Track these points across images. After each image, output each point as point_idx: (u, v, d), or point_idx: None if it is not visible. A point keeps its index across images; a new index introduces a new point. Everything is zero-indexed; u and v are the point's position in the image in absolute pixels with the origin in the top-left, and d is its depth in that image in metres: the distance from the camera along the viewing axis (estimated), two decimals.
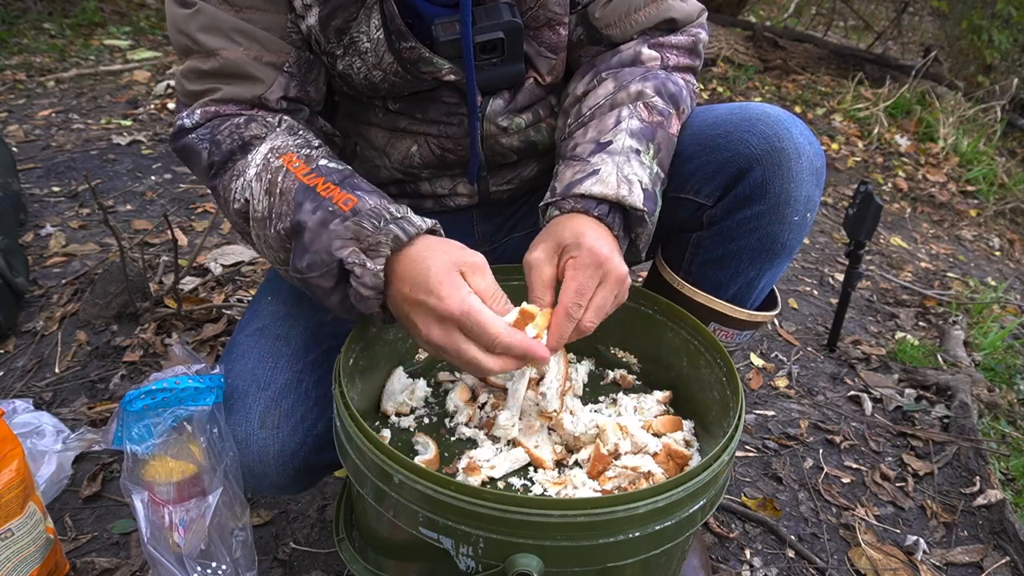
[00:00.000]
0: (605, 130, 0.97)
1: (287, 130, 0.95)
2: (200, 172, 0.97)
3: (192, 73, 0.96)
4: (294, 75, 0.98)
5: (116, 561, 1.22)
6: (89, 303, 1.81)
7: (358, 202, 0.83)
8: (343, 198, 0.83)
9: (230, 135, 0.93)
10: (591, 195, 0.91)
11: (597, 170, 0.92)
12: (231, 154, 0.93)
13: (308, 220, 0.83)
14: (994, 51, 4.58)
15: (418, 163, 1.09)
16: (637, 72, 1.02)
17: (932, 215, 3.53)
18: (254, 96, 0.95)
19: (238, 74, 0.94)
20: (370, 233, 0.81)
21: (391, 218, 0.82)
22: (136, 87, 3.63)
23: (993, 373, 2.15)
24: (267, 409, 0.96)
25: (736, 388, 0.89)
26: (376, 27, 0.95)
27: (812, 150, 0.96)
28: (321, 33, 0.96)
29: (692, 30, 1.06)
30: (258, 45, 0.94)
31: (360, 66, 0.99)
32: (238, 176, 0.92)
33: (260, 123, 0.95)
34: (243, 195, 0.91)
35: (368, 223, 0.81)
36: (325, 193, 0.84)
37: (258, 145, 0.93)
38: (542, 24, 1.02)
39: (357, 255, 0.81)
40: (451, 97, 1.04)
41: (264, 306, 1.07)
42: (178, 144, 0.97)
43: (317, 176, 0.87)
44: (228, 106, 0.95)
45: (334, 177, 0.87)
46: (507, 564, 0.71)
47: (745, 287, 1.03)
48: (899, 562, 1.39)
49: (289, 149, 0.91)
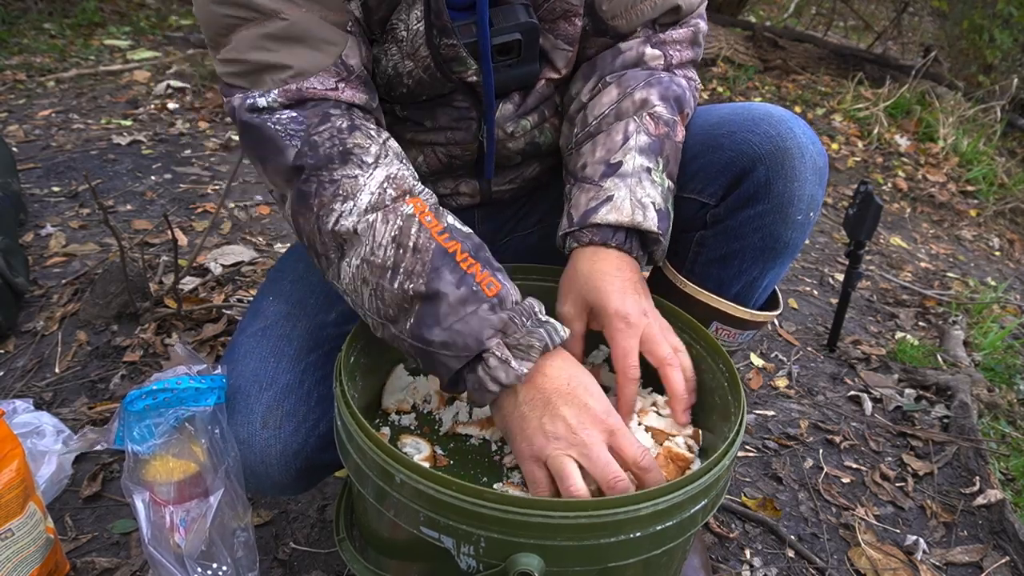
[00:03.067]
0: (614, 148, 0.97)
1: (396, 155, 0.89)
2: (278, 168, 0.87)
3: (249, 44, 0.85)
4: (357, 35, 0.90)
5: (116, 561, 1.22)
6: (89, 303, 1.81)
7: (501, 289, 0.81)
8: (486, 279, 0.81)
9: (331, 139, 0.85)
10: (607, 224, 0.92)
11: (611, 196, 0.93)
12: (329, 160, 0.85)
13: (450, 293, 0.80)
14: (995, 50, 4.58)
15: (425, 172, 1.09)
16: (641, 77, 1.01)
17: (932, 215, 3.53)
18: (334, 59, 0.87)
19: (307, 36, 0.86)
20: (519, 331, 0.80)
21: (537, 321, 0.82)
22: (136, 87, 3.63)
23: (993, 373, 2.15)
24: (269, 409, 0.95)
25: (737, 392, 0.89)
26: (417, 19, 0.92)
27: (815, 149, 0.96)
28: (365, 22, 0.93)
29: (692, 20, 1.06)
30: (318, 4, 0.86)
31: (395, 52, 0.96)
32: (345, 199, 0.84)
33: (364, 133, 0.87)
34: (351, 223, 0.83)
35: (518, 319, 0.81)
36: (465, 266, 0.82)
37: (363, 159, 0.86)
38: (558, 16, 1.01)
39: (501, 349, 0.80)
40: (463, 102, 1.03)
41: (266, 306, 1.07)
42: (251, 121, 0.86)
43: (452, 240, 0.83)
44: (310, 81, 0.86)
45: (468, 245, 0.84)
46: (508, 564, 0.71)
47: (748, 286, 1.03)
48: (899, 562, 1.39)
49: (407, 184, 0.86)
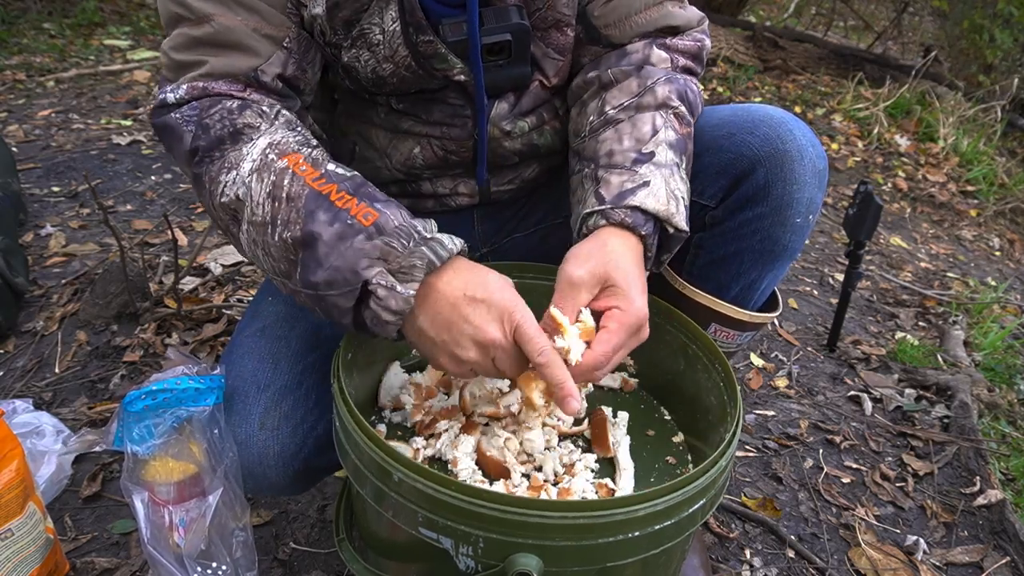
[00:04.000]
0: (644, 139, 0.95)
1: (285, 124, 0.88)
2: (180, 156, 0.89)
3: (180, 42, 0.88)
4: (293, 52, 0.91)
5: (116, 561, 1.22)
6: (89, 303, 1.81)
7: (379, 217, 0.79)
8: (362, 210, 0.79)
9: (220, 120, 0.86)
10: (644, 208, 0.89)
11: (648, 182, 0.91)
12: (219, 141, 0.86)
13: (323, 232, 0.78)
14: (995, 50, 4.57)
15: (420, 164, 1.09)
16: (660, 73, 1.00)
17: (932, 215, 3.53)
18: (249, 68, 0.88)
19: (232, 43, 0.87)
20: (400, 254, 0.77)
21: (421, 238, 0.79)
22: (136, 87, 3.63)
23: (993, 373, 2.15)
24: (267, 411, 0.96)
25: (734, 393, 0.89)
26: (392, 19, 0.93)
27: (815, 152, 0.96)
28: (328, 24, 0.92)
29: (696, 35, 1.05)
30: (257, 16, 0.87)
31: (368, 59, 0.96)
32: (229, 169, 0.85)
33: (255, 111, 0.87)
34: (234, 191, 0.84)
35: (397, 243, 0.78)
36: (341, 203, 0.79)
37: (253, 136, 0.86)
38: (550, 25, 1.01)
39: (384, 276, 0.77)
40: (456, 99, 1.04)
41: (264, 307, 1.07)
42: (158, 121, 0.89)
43: (329, 183, 0.82)
44: (218, 83, 0.88)
45: (346, 184, 0.82)
46: (507, 564, 0.71)
47: (747, 288, 1.03)
48: (899, 562, 1.39)
49: (291, 148, 0.85)
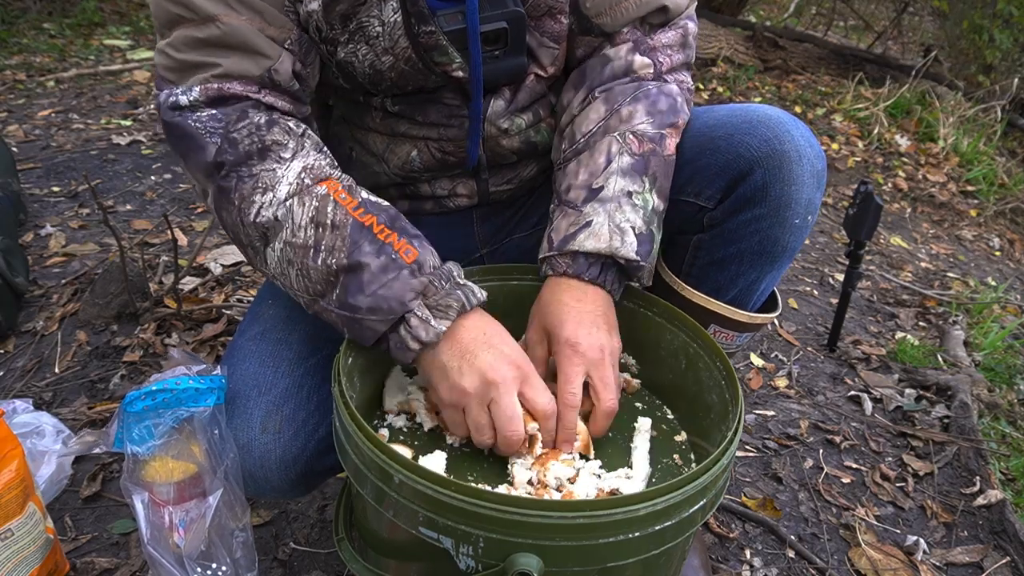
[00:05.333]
0: (597, 172, 0.98)
1: (315, 147, 0.92)
2: (199, 164, 0.89)
3: (183, 42, 0.87)
4: (296, 53, 0.91)
5: (116, 561, 1.23)
6: (89, 303, 1.82)
7: (419, 255, 0.87)
8: (403, 246, 0.87)
9: (249, 135, 0.87)
10: (584, 251, 0.94)
11: (590, 221, 0.95)
12: (248, 156, 0.87)
13: (371, 263, 0.85)
14: (995, 51, 4.57)
15: (418, 167, 1.09)
16: (628, 91, 1.00)
17: (932, 215, 3.53)
18: (263, 71, 0.88)
19: (241, 45, 0.87)
20: (438, 293, 0.86)
21: (455, 283, 0.88)
22: (136, 87, 3.63)
23: (993, 373, 2.15)
24: (268, 414, 0.95)
25: (735, 392, 0.89)
26: (393, 10, 0.92)
27: (813, 153, 0.96)
28: (324, 19, 0.92)
29: (681, 22, 1.04)
30: (260, 17, 0.87)
31: (366, 52, 0.96)
32: (264, 190, 0.87)
33: (282, 128, 0.89)
34: (272, 212, 0.87)
35: (437, 283, 0.87)
36: (383, 236, 0.87)
37: (282, 155, 0.89)
38: (543, 13, 1.01)
39: (422, 309, 0.86)
40: (453, 99, 1.04)
41: (265, 309, 1.07)
42: (173, 121, 0.89)
43: (368, 214, 0.88)
44: (233, 83, 0.87)
45: (383, 217, 0.89)
46: (507, 564, 0.71)
47: (745, 289, 1.03)
48: (899, 562, 1.39)
49: (325, 172, 0.90)
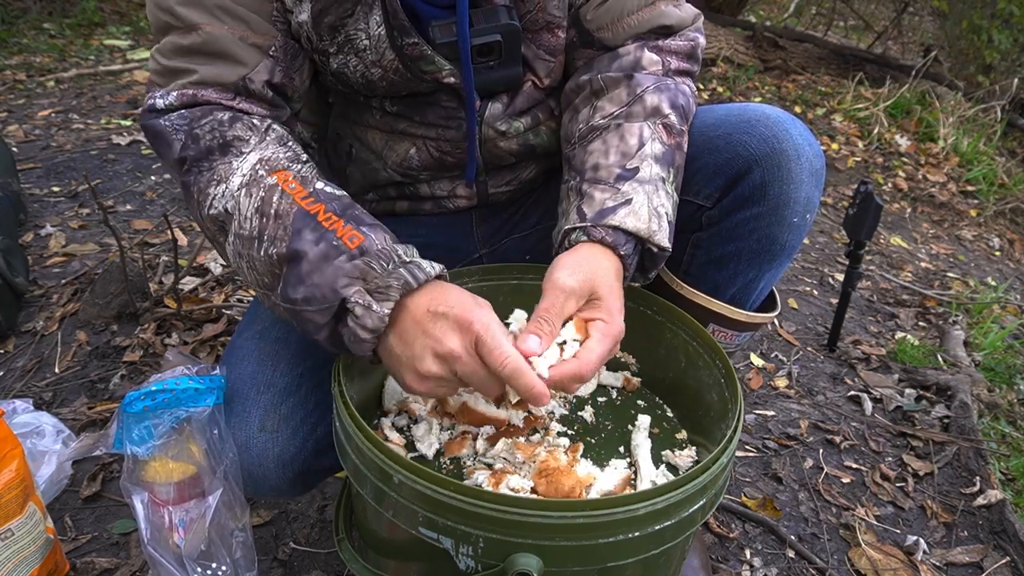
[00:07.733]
0: (629, 153, 0.95)
1: (277, 140, 0.91)
2: (169, 163, 0.92)
3: (169, 49, 0.90)
4: (279, 60, 0.93)
5: (116, 561, 1.23)
6: (89, 303, 1.82)
7: (364, 240, 0.80)
8: (348, 233, 0.81)
9: (211, 131, 0.88)
10: (624, 228, 0.90)
11: (630, 200, 0.91)
12: (208, 152, 0.88)
13: (309, 251, 0.80)
14: (994, 51, 4.57)
15: (417, 165, 1.09)
16: (648, 81, 0.99)
17: (932, 215, 3.53)
18: (237, 78, 0.90)
19: (220, 53, 0.89)
20: (378, 275, 0.79)
21: (400, 261, 0.80)
22: (136, 87, 3.63)
23: (993, 373, 2.15)
24: (267, 413, 0.96)
25: (735, 390, 0.89)
26: (377, 23, 0.93)
27: (811, 151, 0.96)
28: (313, 30, 0.93)
29: (690, 34, 1.04)
30: (244, 25, 0.90)
31: (357, 64, 0.97)
32: (219, 182, 0.87)
33: (245, 124, 0.90)
34: (223, 204, 0.86)
35: (377, 264, 0.79)
36: (327, 224, 0.81)
37: (242, 149, 0.88)
38: (541, 27, 1.01)
39: (362, 295, 0.78)
40: (449, 101, 1.04)
41: (263, 309, 1.07)
42: (147, 124, 0.91)
43: (317, 202, 0.84)
44: (208, 91, 0.90)
45: (334, 206, 0.84)
46: (507, 564, 0.71)
47: (744, 288, 1.03)
48: (899, 562, 1.39)
49: (281, 164, 0.87)
